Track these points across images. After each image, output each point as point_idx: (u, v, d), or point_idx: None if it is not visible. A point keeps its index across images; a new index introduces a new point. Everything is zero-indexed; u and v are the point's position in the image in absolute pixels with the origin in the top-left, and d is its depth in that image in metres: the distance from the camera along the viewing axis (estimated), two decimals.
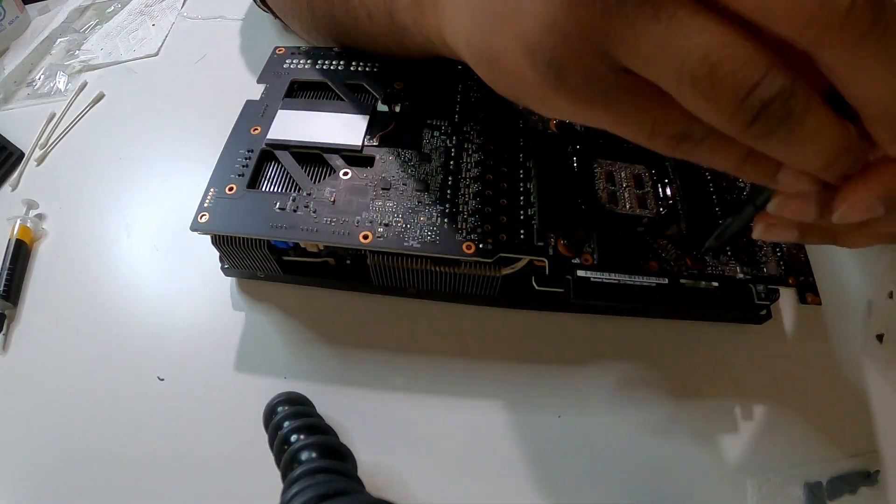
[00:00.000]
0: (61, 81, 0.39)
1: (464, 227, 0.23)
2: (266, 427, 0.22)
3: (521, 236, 0.23)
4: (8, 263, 0.28)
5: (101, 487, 0.23)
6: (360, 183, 0.24)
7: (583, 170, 0.25)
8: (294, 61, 0.30)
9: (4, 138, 0.35)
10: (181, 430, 0.24)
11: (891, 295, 0.28)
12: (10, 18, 0.42)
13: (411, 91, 0.28)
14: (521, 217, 0.24)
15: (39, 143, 0.35)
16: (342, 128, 0.26)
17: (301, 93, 0.29)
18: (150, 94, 0.38)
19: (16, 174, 0.34)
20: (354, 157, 0.26)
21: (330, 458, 0.19)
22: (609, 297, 0.23)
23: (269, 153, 0.26)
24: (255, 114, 0.27)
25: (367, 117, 0.26)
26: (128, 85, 0.38)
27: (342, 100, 0.27)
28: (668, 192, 0.25)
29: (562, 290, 0.23)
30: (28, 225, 0.30)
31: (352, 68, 0.29)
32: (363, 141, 0.26)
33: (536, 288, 0.24)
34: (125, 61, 0.40)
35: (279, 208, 0.23)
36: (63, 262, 0.30)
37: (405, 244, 0.22)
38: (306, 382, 0.25)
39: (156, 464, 0.23)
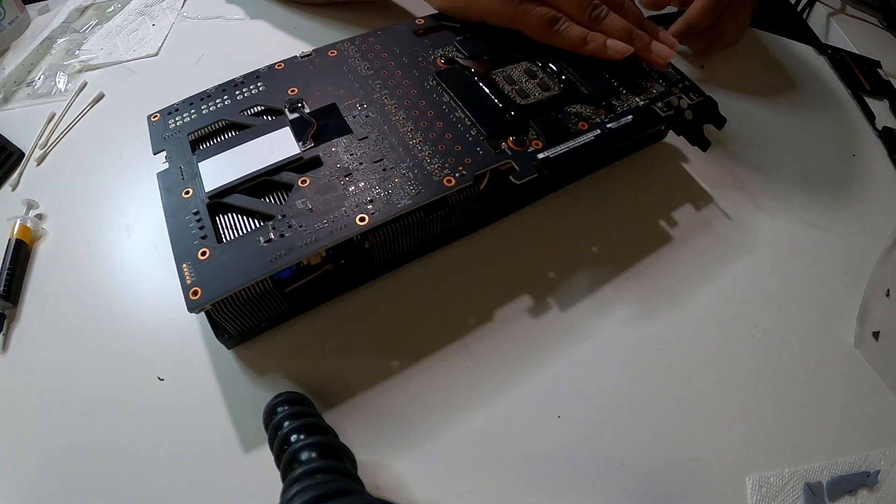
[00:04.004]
0: (61, 81, 0.39)
1: (432, 168, 0.25)
2: (266, 427, 0.22)
3: (480, 153, 0.26)
4: (8, 263, 0.28)
5: (100, 487, 0.23)
6: (323, 182, 0.25)
7: (487, 83, 0.29)
8: (177, 118, 0.28)
9: (4, 138, 0.35)
10: (181, 430, 0.24)
11: (888, 293, 0.28)
12: (10, 18, 0.42)
13: (307, 90, 0.28)
14: (469, 139, 0.27)
15: (39, 143, 0.35)
16: (271, 147, 0.26)
17: (205, 141, 0.27)
18: (151, 94, 0.38)
19: (16, 174, 0.34)
20: (301, 166, 0.25)
21: (330, 458, 0.19)
22: (568, 162, 0.26)
23: (217, 205, 0.24)
24: (175, 180, 0.25)
25: (287, 127, 0.26)
26: (128, 85, 0.38)
27: (251, 126, 0.27)
28: (555, 67, 0.30)
29: (537, 175, 0.25)
30: (28, 225, 0.30)
31: (239, 97, 0.28)
32: (299, 148, 0.26)
33: (517, 183, 0.25)
34: (125, 61, 0.40)
35: (266, 242, 0.23)
36: (63, 262, 0.30)
37: (398, 206, 0.24)
38: (306, 382, 0.25)
39: (155, 464, 0.23)
